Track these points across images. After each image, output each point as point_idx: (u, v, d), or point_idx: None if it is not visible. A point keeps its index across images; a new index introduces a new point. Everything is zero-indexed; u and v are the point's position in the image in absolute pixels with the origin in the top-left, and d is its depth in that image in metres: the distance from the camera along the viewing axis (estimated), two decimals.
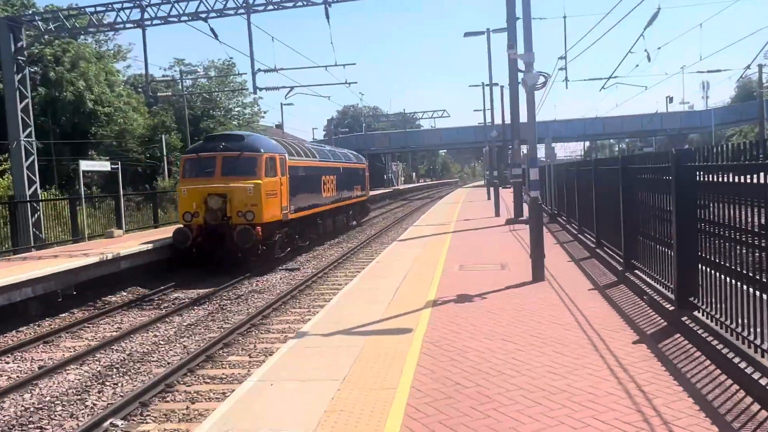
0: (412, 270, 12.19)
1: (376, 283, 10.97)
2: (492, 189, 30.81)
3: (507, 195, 35.11)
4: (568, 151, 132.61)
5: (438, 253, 14.41)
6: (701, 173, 6.24)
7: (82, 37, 37.90)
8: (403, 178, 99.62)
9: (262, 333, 10.72)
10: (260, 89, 24.75)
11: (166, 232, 19.69)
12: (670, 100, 72.72)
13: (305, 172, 20.10)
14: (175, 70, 51.54)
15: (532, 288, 9.82)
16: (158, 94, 34.06)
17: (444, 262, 13.04)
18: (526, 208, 18.98)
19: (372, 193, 51.99)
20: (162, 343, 10.47)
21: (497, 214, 24.95)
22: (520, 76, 10.95)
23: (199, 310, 12.91)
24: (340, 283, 14.81)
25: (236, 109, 55.57)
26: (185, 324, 11.72)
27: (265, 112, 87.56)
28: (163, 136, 43.57)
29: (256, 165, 16.39)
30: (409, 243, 17.27)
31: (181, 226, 16.36)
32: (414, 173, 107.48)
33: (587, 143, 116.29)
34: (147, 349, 10.14)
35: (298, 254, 20.14)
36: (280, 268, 17.89)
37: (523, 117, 11.32)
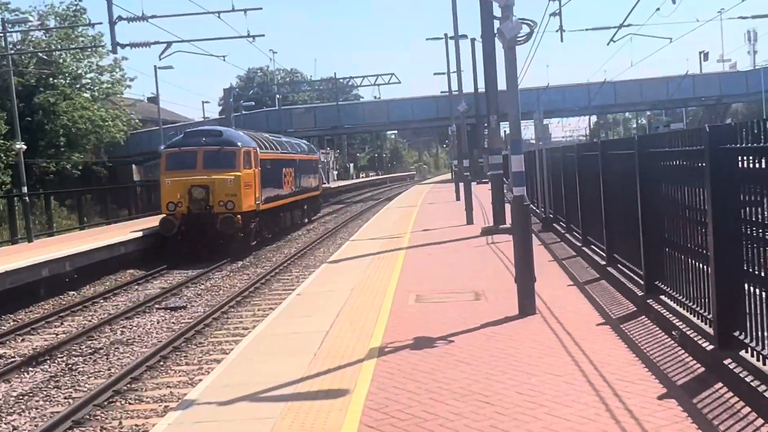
0: (349, 304, 12.17)
1: (298, 325, 10.94)
2: (462, 185, 31.13)
3: (483, 193, 35.54)
4: (568, 130, 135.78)
5: (386, 279, 14.42)
6: (745, 158, 6.44)
7: None
8: (336, 173, 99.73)
9: (131, 403, 10.49)
10: (123, 46, 24.42)
11: None
12: (705, 56, 75.20)
13: (271, 165, 28.47)
14: None
15: (519, 325, 9.93)
16: None
17: (394, 291, 13.05)
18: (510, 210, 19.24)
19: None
20: None
21: (469, 221, 25.23)
22: (497, 25, 11.10)
23: (36, 372, 12.56)
24: (246, 327, 14.68)
25: (89, 76, 54.45)
26: (14, 394, 11.36)
27: (132, 80, 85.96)
28: None
29: (235, 158, 24.77)
30: (345, 265, 17.24)
31: (165, 215, 24.55)
32: (351, 165, 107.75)
33: (593, 118, 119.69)
34: None
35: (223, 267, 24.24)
36: (159, 307, 17.70)
37: (503, 83, 11.43)
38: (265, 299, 18.12)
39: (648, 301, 9.45)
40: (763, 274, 6.20)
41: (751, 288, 6.42)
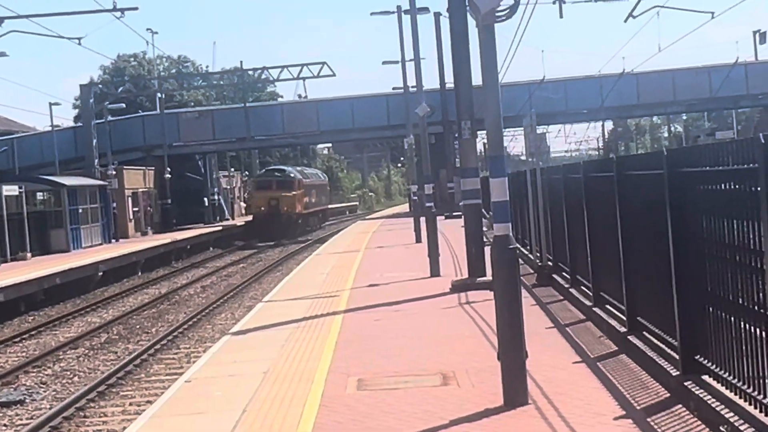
0: (260, 395, 12.07)
1: (184, 430, 10.86)
2: (424, 221, 31.19)
3: (455, 231, 35.70)
4: (573, 141, 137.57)
5: (314, 357, 14.34)
6: None
7: None
8: (244, 204, 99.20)
9: None
10: None
11: None
12: (762, 38, 76.40)
13: (306, 188, 74.67)
14: None
15: (506, 421, 9.91)
16: None
17: (326, 374, 12.99)
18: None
19: (180, 235, 58.17)
20: None
21: (435, 272, 25.25)
22: None
23: None
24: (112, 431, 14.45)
25: None
26: None
27: None
28: None
29: (293, 184, 71.58)
30: (256, 338, 17.16)
31: (252, 215, 71.63)
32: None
33: (608, 124, 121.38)
34: None
35: None
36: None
37: (479, 76, 11.50)
38: (141, 388, 17.90)
39: (686, 383, 9.52)
40: None
41: None
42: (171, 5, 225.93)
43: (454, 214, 50.35)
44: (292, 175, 73.19)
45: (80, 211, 50.81)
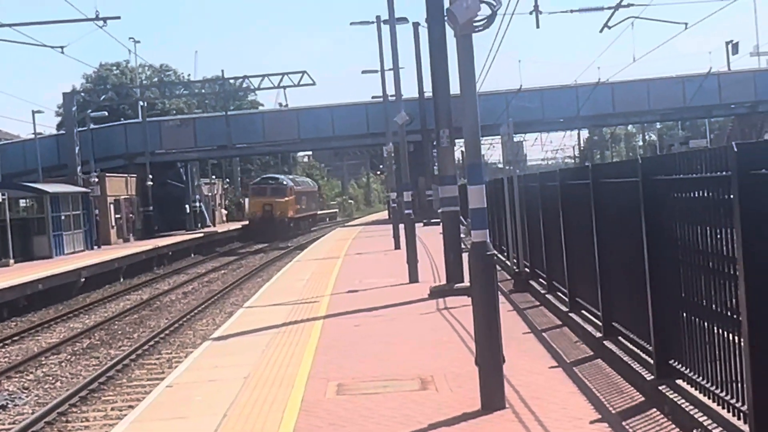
0: (241, 399, 12.05)
1: None
2: (403, 228, 31.17)
3: (433, 238, 35.69)
4: (550, 149, 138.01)
5: (295, 362, 14.33)
6: None
7: None
8: (225, 211, 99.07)
9: None
10: None
11: None
12: (734, 48, 76.72)
13: (296, 194, 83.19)
14: None
15: (483, 425, 9.93)
16: None
17: (307, 379, 12.98)
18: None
19: (161, 241, 57.39)
20: None
21: (414, 278, 25.28)
22: (448, 4, 11.23)
23: None
24: None
25: None
26: None
27: None
28: None
29: (285, 191, 79.30)
30: (237, 343, 17.13)
31: (248, 219, 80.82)
32: (247, 200, 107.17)
33: (584, 133, 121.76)
34: None
35: None
36: None
37: (457, 85, 11.51)
38: (122, 393, 17.85)
39: (661, 387, 9.54)
40: None
41: None
42: (153, 15, 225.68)
43: (433, 221, 50.38)
44: (284, 182, 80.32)
45: (63, 217, 50.61)
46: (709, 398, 8.36)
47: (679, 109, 71.43)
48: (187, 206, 75.71)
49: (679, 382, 9.25)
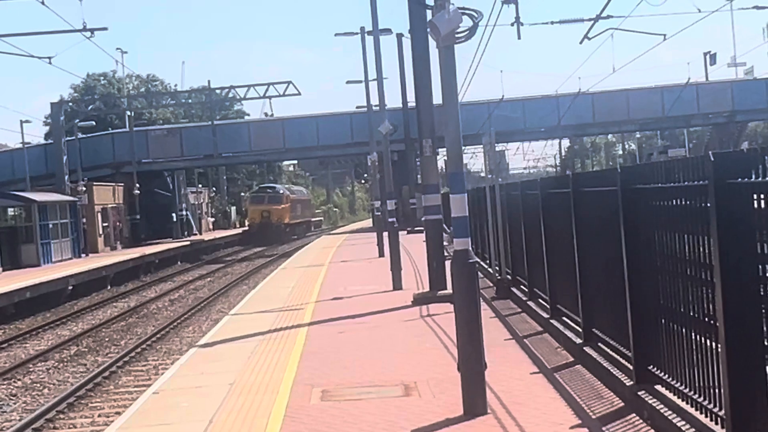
0: (226, 406, 12.05)
1: None
2: (386, 236, 31.19)
3: (417, 245, 35.71)
4: (531, 158, 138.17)
5: (279, 369, 14.33)
6: (763, 196, 6.66)
7: None
8: (211, 219, 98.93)
9: None
10: None
11: None
12: (712, 59, 77.06)
13: (292, 202, 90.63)
14: None
15: (465, 431, 9.94)
16: None
17: (291, 385, 12.97)
18: None
19: (148, 249, 57.66)
20: None
21: (397, 285, 25.27)
22: (430, 16, 11.27)
23: None
24: None
25: None
26: None
27: None
28: None
29: (281, 199, 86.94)
30: (223, 350, 17.09)
31: (248, 225, 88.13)
32: (233, 208, 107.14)
33: (565, 142, 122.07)
34: None
35: None
36: None
37: (440, 95, 11.54)
38: (110, 400, 17.83)
39: (639, 393, 9.58)
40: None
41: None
42: (140, 25, 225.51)
43: (416, 229, 50.44)
44: (281, 191, 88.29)
45: (51, 226, 50.50)
46: (687, 403, 8.41)
47: (658, 119, 71.66)
48: (173, 215, 75.47)
49: (658, 387, 9.29)
